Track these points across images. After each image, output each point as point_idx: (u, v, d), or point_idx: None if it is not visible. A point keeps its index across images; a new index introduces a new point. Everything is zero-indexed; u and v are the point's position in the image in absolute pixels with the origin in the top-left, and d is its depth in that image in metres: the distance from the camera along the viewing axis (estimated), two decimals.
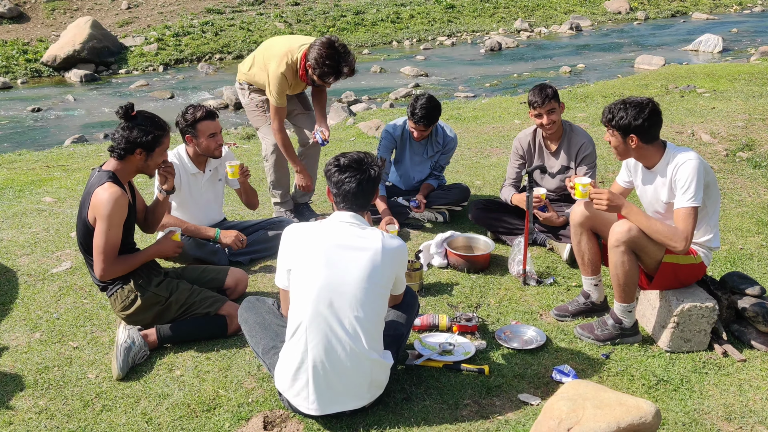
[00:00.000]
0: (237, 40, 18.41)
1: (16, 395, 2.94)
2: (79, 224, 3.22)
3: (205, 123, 3.85)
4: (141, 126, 3.16)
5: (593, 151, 4.22)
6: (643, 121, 3.03)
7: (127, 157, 3.19)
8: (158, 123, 3.24)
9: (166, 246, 3.39)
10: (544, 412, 2.32)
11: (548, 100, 4.07)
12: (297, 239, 2.65)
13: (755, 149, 6.40)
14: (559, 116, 4.16)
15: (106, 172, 3.18)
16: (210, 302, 3.33)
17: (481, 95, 12.05)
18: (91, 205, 3.10)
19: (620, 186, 3.47)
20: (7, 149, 9.34)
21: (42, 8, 20.06)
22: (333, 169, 2.67)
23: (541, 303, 3.69)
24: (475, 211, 4.47)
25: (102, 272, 3.14)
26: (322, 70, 4.11)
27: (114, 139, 3.19)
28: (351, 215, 2.66)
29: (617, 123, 3.07)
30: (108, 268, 3.14)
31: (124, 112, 3.17)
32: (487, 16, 21.82)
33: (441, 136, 4.77)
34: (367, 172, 2.65)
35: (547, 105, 4.08)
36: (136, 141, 3.15)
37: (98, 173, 3.20)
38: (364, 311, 2.55)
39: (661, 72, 11.47)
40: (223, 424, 2.71)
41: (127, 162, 3.21)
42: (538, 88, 4.13)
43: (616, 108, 3.10)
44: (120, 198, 3.08)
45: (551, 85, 4.19)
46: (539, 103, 4.08)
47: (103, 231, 3.08)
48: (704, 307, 3.13)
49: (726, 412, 2.78)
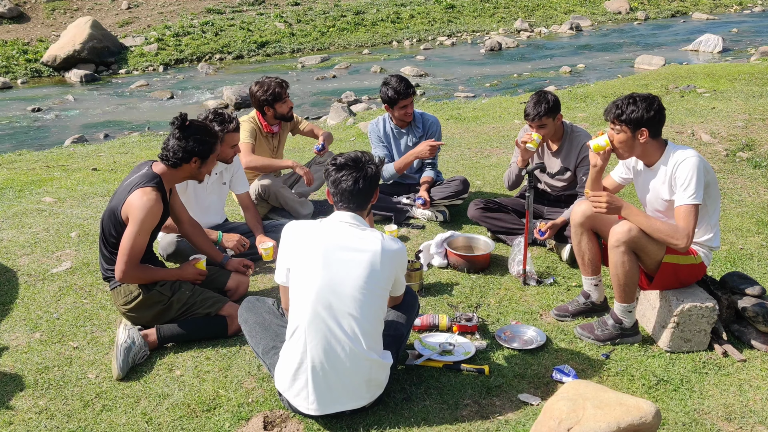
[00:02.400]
0: (237, 40, 18.42)
1: (16, 395, 2.94)
2: (109, 213, 3.24)
3: (233, 135, 3.95)
4: (197, 135, 3.26)
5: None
6: (654, 114, 3.04)
7: (182, 165, 3.28)
8: (212, 132, 3.37)
9: (188, 272, 3.42)
10: (544, 412, 2.32)
11: (539, 117, 3.99)
12: (296, 238, 2.66)
13: (755, 149, 6.40)
14: (551, 129, 4.08)
15: (153, 173, 3.24)
16: (211, 303, 3.34)
17: (481, 95, 12.06)
18: (127, 202, 3.14)
19: (614, 181, 3.46)
20: (7, 149, 9.35)
21: (42, 8, 20.06)
22: (331, 168, 2.69)
23: (541, 303, 3.69)
24: (475, 211, 4.47)
25: (122, 274, 3.15)
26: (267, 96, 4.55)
27: (168, 149, 3.26)
28: (351, 215, 2.66)
29: (628, 117, 3.06)
30: (129, 272, 3.15)
31: (180, 123, 3.25)
32: (487, 16, 21.83)
33: (419, 121, 4.87)
34: (364, 170, 2.65)
35: (537, 121, 4.02)
36: (194, 150, 3.25)
37: (146, 171, 3.25)
38: (363, 312, 2.55)
39: (661, 72, 11.47)
40: (223, 424, 2.71)
41: (179, 169, 3.29)
42: (535, 99, 4.03)
43: (625, 103, 3.09)
44: (155, 206, 3.13)
45: (549, 98, 4.02)
46: (530, 117, 4.03)
47: (132, 234, 3.11)
48: (704, 307, 3.13)
49: (726, 412, 2.78)
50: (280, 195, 4.68)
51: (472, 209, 4.49)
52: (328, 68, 16.04)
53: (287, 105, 4.64)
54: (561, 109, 4.14)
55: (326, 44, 18.86)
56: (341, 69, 15.82)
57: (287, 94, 4.64)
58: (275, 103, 4.59)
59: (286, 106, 4.64)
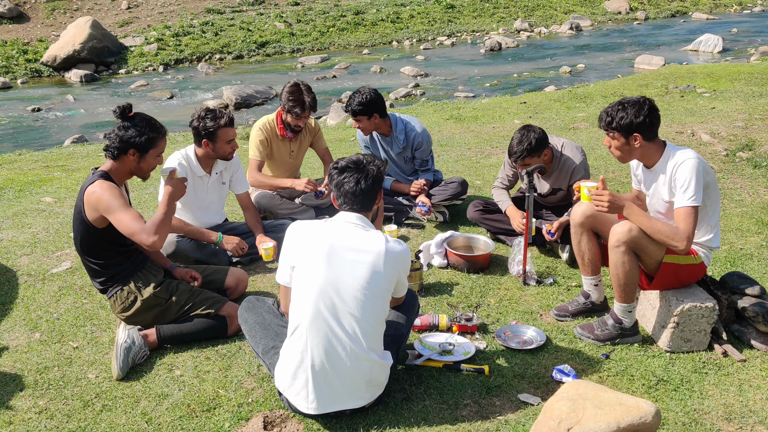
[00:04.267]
0: (237, 40, 18.42)
1: (16, 395, 2.94)
2: (77, 225, 3.20)
3: (226, 130, 3.90)
4: (137, 127, 3.15)
5: (586, 172, 4.13)
6: (644, 118, 3.04)
7: (120, 157, 3.18)
8: (154, 125, 3.22)
9: (174, 186, 3.20)
10: (544, 412, 2.32)
11: (521, 158, 3.92)
12: (301, 237, 2.66)
13: (755, 149, 6.40)
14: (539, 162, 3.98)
15: (99, 172, 3.18)
16: (210, 303, 3.33)
17: (481, 95, 12.06)
18: (86, 204, 3.09)
19: (636, 191, 3.46)
20: (7, 149, 9.35)
21: (42, 8, 20.06)
22: (333, 172, 2.71)
23: (541, 303, 3.69)
24: (474, 213, 4.47)
25: (153, 242, 2.98)
26: (289, 104, 4.44)
27: (109, 138, 3.19)
28: (356, 216, 2.67)
29: (618, 124, 3.07)
30: (152, 236, 3.00)
31: (120, 111, 3.16)
32: (487, 16, 21.83)
33: (401, 131, 4.76)
34: (365, 171, 2.67)
35: (520, 162, 3.96)
36: (130, 141, 3.14)
37: (91, 175, 3.19)
38: (365, 313, 2.55)
39: (661, 72, 11.47)
40: (223, 424, 2.71)
41: (120, 162, 3.20)
42: (518, 137, 3.93)
43: (614, 110, 3.10)
44: (111, 187, 3.05)
45: (534, 135, 3.90)
46: (515, 158, 3.96)
47: (120, 217, 3.02)
48: (704, 307, 3.13)
49: (726, 412, 2.78)
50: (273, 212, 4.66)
51: (471, 211, 4.49)
52: (328, 68, 16.04)
53: (299, 122, 4.53)
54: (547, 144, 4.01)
55: (326, 44, 18.86)
56: (341, 69, 15.82)
57: (307, 116, 4.51)
58: (289, 113, 4.49)
59: (296, 122, 4.52)
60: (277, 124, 4.63)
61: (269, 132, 4.62)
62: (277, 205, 4.64)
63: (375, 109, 4.60)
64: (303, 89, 4.47)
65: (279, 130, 4.63)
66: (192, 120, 3.92)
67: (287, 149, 4.71)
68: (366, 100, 4.56)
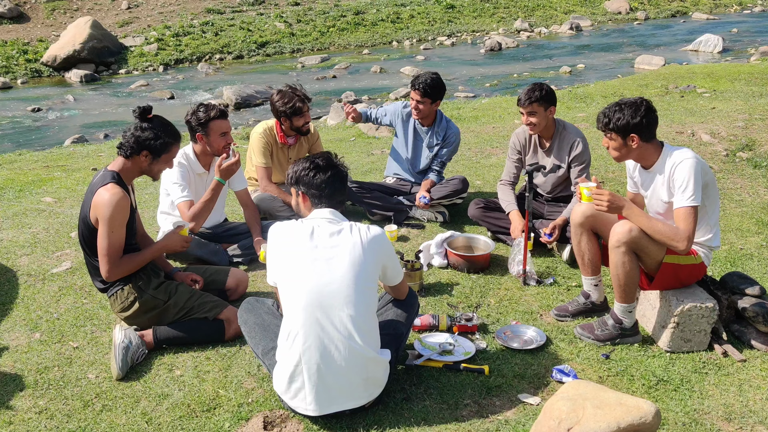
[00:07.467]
0: (237, 40, 18.43)
1: (16, 395, 2.93)
2: (81, 222, 3.22)
3: (218, 122, 3.89)
4: (154, 129, 3.18)
5: (585, 149, 4.19)
6: (641, 119, 3.04)
7: (133, 157, 3.20)
8: (171, 131, 3.26)
9: (174, 241, 3.35)
10: (544, 412, 2.32)
11: (530, 102, 4.05)
12: (281, 239, 2.67)
13: (755, 149, 6.40)
14: (542, 120, 4.10)
15: (110, 172, 3.18)
16: (209, 307, 3.32)
17: (481, 95, 12.06)
18: (92, 204, 3.10)
19: (632, 194, 3.47)
20: (7, 149, 9.35)
21: (42, 8, 20.07)
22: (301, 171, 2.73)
23: (541, 303, 3.69)
24: (475, 210, 4.47)
25: (108, 273, 3.14)
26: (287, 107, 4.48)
27: (124, 137, 3.20)
28: (329, 211, 2.70)
29: (615, 125, 3.07)
30: (113, 269, 3.14)
31: (140, 112, 3.19)
32: (487, 16, 21.83)
33: (443, 128, 4.86)
34: (335, 167, 2.74)
35: (528, 107, 4.07)
36: (145, 143, 3.16)
37: (103, 173, 3.20)
38: (355, 308, 2.55)
39: (661, 72, 11.47)
40: (223, 424, 2.71)
41: (132, 162, 3.22)
42: (530, 86, 4.12)
43: (611, 111, 3.10)
44: (121, 200, 3.07)
45: (546, 87, 4.12)
46: (522, 102, 4.09)
47: (106, 234, 3.07)
48: (704, 307, 3.13)
49: (726, 412, 2.78)
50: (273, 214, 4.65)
51: (472, 208, 4.49)
52: (328, 68, 16.04)
53: (305, 119, 4.56)
54: (556, 105, 4.16)
55: (326, 44, 18.86)
56: (341, 69, 15.82)
57: (308, 109, 4.57)
58: (293, 116, 4.51)
59: (303, 120, 4.56)
60: (277, 132, 4.64)
61: (270, 138, 4.63)
62: (277, 208, 4.64)
63: (441, 96, 4.77)
64: (286, 89, 4.56)
65: (279, 138, 4.64)
66: (186, 116, 3.93)
67: (285, 156, 4.73)
68: (439, 85, 4.69)
